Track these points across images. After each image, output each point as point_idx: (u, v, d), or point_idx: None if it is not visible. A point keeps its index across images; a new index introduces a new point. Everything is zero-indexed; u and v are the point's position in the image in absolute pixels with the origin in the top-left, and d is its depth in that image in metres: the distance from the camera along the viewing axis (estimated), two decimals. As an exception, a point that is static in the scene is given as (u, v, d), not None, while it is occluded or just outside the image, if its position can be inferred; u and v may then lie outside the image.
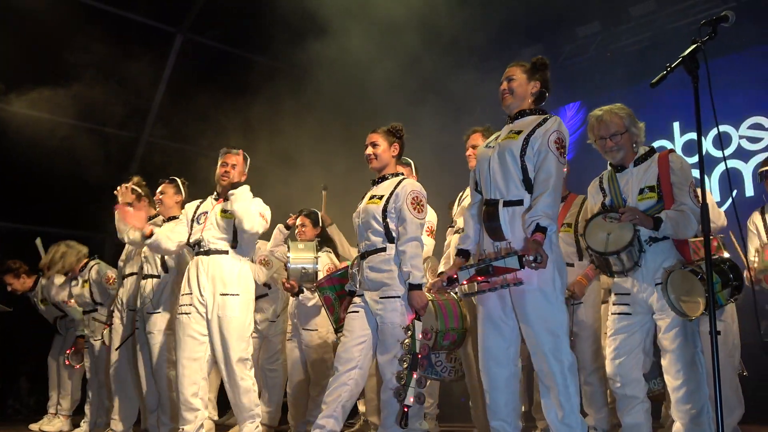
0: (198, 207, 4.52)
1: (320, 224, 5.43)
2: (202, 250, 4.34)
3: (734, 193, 6.90)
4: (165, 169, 5.84)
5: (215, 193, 4.52)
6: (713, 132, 6.81)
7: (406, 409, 3.50)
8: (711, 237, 4.19)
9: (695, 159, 6.76)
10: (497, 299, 3.23)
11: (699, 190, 3.40)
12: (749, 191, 6.92)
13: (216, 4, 8.02)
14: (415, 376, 3.49)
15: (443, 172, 6.47)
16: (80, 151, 7.22)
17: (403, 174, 3.98)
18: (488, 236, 3.29)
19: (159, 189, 5.04)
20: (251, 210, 4.29)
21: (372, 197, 3.88)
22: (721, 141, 3.27)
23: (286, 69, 8.12)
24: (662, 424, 4.51)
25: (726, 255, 4.10)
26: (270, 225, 4.53)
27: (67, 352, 6.18)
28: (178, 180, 5.11)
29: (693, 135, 2.68)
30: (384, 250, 3.78)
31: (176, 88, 8.24)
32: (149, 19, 8.03)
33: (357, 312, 3.78)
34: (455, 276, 3.16)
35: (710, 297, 2.66)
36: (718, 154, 7.04)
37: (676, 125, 7.37)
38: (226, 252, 4.33)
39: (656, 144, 6.37)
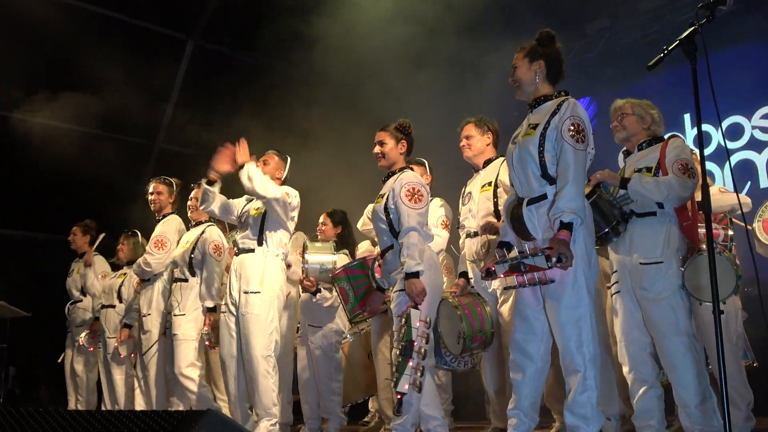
0: (244, 207, 4.71)
1: (342, 224, 5.43)
2: (236, 250, 4.58)
3: (748, 184, 6.86)
4: (179, 174, 5.90)
5: None
6: (725, 123, 6.78)
7: (399, 396, 3.52)
8: (724, 216, 4.28)
9: (708, 151, 6.83)
10: (531, 294, 3.22)
11: (688, 167, 3.52)
12: (764, 182, 6.86)
13: (226, 10, 8.11)
14: (410, 363, 3.49)
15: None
16: (94, 159, 7.32)
17: (409, 169, 4.00)
18: (516, 234, 3.29)
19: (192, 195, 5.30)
20: (262, 178, 4.36)
21: (379, 196, 3.94)
22: (721, 125, 3.24)
23: (298, 71, 8.17)
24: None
25: (731, 232, 4.12)
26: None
27: (84, 333, 6.23)
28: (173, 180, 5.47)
29: (704, 126, 2.68)
30: (392, 247, 3.84)
31: (189, 95, 8.33)
32: (160, 26, 8.13)
33: (386, 311, 3.93)
34: (493, 269, 3.15)
35: (713, 280, 2.65)
36: (730, 145, 7.00)
37: (686, 117, 7.34)
38: (253, 250, 4.50)
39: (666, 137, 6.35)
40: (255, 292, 4.42)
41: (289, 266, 5.30)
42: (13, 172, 7.33)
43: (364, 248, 5.52)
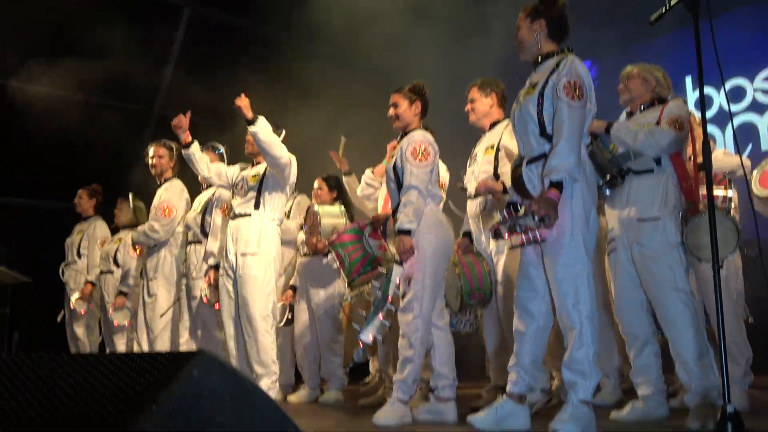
0: (238, 173, 4.84)
1: (337, 189, 5.46)
2: (231, 216, 4.69)
3: (749, 147, 6.82)
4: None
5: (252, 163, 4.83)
6: (727, 86, 6.72)
7: (360, 344, 3.57)
8: (723, 178, 4.28)
9: (710, 114, 6.78)
10: (533, 253, 3.25)
11: (678, 121, 3.51)
12: (765, 145, 6.82)
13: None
14: (380, 317, 3.53)
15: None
16: (93, 126, 7.27)
17: (424, 129, 3.98)
18: (517, 194, 3.29)
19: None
20: (277, 139, 4.46)
21: (390, 156, 3.98)
22: (724, 86, 3.22)
23: (296, 31, 8.06)
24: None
25: (730, 193, 4.11)
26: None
27: (75, 297, 6.27)
28: (221, 147, 5.51)
29: (705, 89, 2.65)
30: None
31: (187, 61, 8.25)
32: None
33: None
34: (498, 228, 3.17)
35: (713, 239, 2.65)
36: (732, 108, 6.94)
37: (688, 80, 7.28)
38: (249, 215, 4.60)
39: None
40: (252, 254, 4.52)
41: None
42: (10, 140, 7.29)
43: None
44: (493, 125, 4.36)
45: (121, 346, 6.08)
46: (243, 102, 4.42)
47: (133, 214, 6.12)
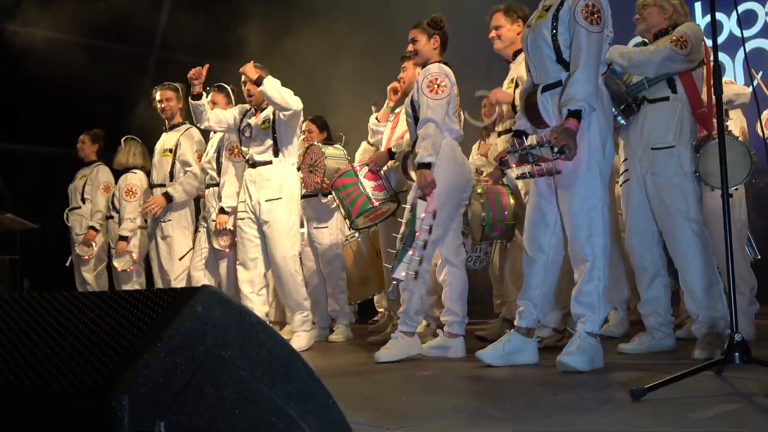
0: (243, 116, 4.90)
1: (326, 129, 5.59)
2: (250, 163, 4.77)
3: (760, 73, 6.68)
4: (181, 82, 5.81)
5: (252, 108, 4.87)
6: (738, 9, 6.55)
7: (394, 282, 3.60)
8: (726, 106, 4.22)
9: (720, 39, 6.62)
10: (545, 184, 3.20)
11: (681, 39, 3.42)
12: (776, 72, 6.68)
13: None
14: (410, 252, 3.54)
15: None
16: (91, 70, 7.17)
17: (444, 64, 3.92)
18: (530, 123, 3.23)
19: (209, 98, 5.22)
20: (286, 91, 4.53)
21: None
22: (737, 9, 3.12)
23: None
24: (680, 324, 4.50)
25: (727, 122, 4.08)
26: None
27: (79, 243, 6.28)
28: (228, 87, 5.43)
29: (716, 14, 2.56)
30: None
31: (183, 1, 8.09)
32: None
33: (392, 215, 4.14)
34: (506, 158, 3.12)
35: (722, 165, 2.60)
36: (744, 33, 6.78)
37: (697, 5, 7.10)
38: (270, 162, 4.69)
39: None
40: (276, 199, 4.66)
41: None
42: (9, 86, 7.21)
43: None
44: (515, 54, 4.23)
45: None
46: (246, 68, 4.56)
47: (134, 156, 6.09)
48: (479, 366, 3.28)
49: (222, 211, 5.09)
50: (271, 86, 4.48)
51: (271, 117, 4.71)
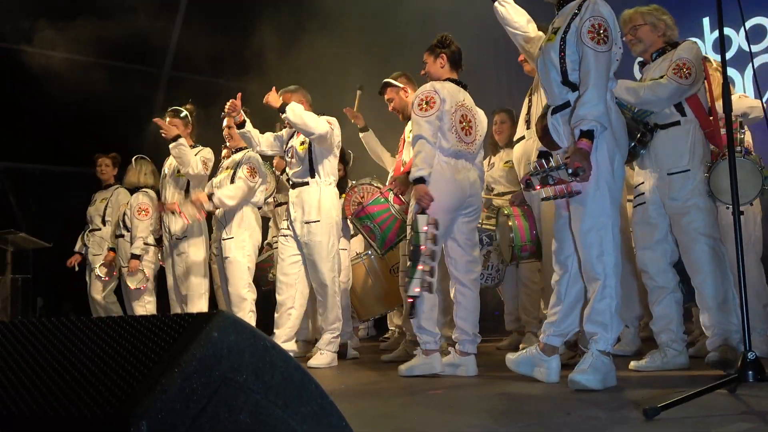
0: (290, 138, 4.96)
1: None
2: (290, 184, 4.92)
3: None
4: (190, 102, 5.86)
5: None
6: (747, 25, 6.55)
7: (410, 300, 3.64)
8: (735, 120, 4.23)
9: (729, 55, 6.62)
10: (564, 207, 3.22)
11: (683, 68, 3.43)
12: (787, 88, 6.67)
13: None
14: (420, 267, 3.55)
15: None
16: (103, 90, 7.24)
17: (448, 81, 3.98)
18: (543, 145, 3.27)
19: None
20: (309, 116, 4.61)
21: None
22: (745, 25, 3.13)
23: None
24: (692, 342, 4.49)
25: (742, 136, 4.06)
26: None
27: (100, 264, 6.27)
28: (184, 110, 5.54)
29: (725, 30, 2.57)
30: None
31: (194, 19, 8.17)
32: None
33: None
34: (530, 180, 3.14)
35: (733, 181, 2.60)
36: (752, 49, 6.77)
37: (705, 21, 7.10)
38: (307, 183, 4.80)
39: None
40: (315, 221, 4.74)
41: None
42: (21, 107, 7.29)
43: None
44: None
45: (140, 311, 6.12)
46: (270, 97, 4.65)
47: (141, 177, 6.16)
48: (491, 384, 3.28)
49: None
50: (293, 113, 4.55)
51: (308, 140, 4.80)
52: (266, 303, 6.01)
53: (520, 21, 4.01)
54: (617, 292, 3.07)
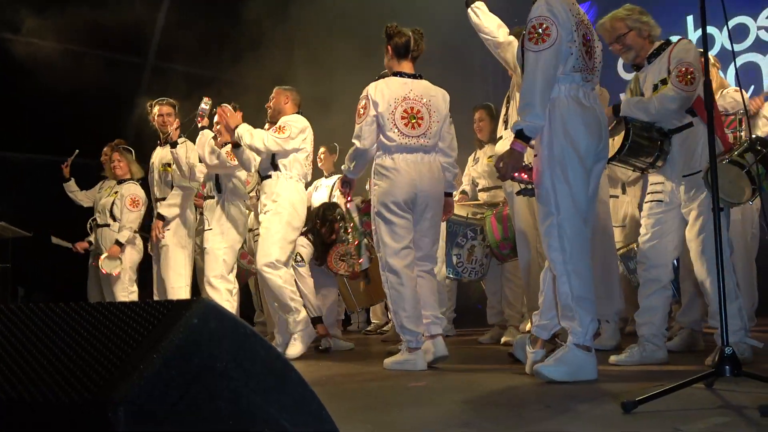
0: None
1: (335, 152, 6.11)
2: (259, 175, 5.08)
3: (752, 88, 6.74)
4: (174, 94, 5.82)
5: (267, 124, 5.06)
6: (729, 25, 6.61)
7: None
8: (733, 119, 4.29)
9: (712, 53, 6.68)
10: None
11: (688, 73, 3.45)
12: (768, 85, 6.75)
13: None
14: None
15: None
16: (86, 80, 7.17)
17: (392, 76, 4.01)
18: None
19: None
20: (256, 135, 4.69)
21: None
22: (727, 24, 3.14)
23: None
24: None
25: (741, 134, 4.12)
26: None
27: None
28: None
29: (708, 28, 2.58)
30: None
31: (179, 9, 8.10)
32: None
33: None
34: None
35: (714, 188, 2.61)
36: (735, 47, 6.84)
37: (689, 19, 7.16)
38: (270, 176, 4.87)
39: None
40: (267, 211, 4.80)
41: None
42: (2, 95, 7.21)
43: None
44: None
45: (122, 298, 6.08)
46: (229, 117, 4.74)
47: (134, 165, 6.16)
48: (473, 377, 3.29)
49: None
50: (243, 137, 4.67)
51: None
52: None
53: (490, 26, 4.13)
54: (572, 285, 3.03)
